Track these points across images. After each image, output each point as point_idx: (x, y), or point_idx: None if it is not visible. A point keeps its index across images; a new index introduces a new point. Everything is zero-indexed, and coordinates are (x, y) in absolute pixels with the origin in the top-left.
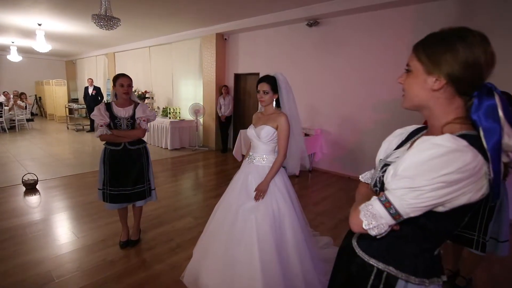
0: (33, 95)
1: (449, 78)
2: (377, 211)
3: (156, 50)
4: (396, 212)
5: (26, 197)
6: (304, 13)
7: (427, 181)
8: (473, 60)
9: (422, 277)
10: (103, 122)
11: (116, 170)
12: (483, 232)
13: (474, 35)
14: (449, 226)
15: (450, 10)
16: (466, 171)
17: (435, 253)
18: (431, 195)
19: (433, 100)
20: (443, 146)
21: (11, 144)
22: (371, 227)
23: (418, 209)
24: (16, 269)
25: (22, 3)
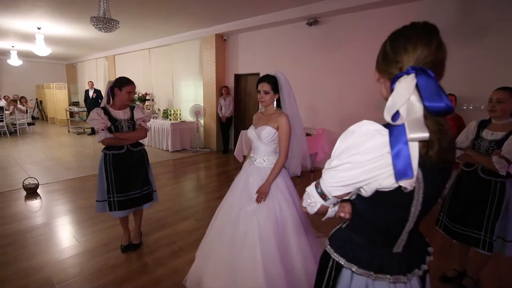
0: (34, 98)
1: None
2: (311, 190)
3: (156, 52)
4: (321, 191)
5: (27, 202)
6: (304, 12)
7: (339, 161)
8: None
9: (366, 269)
10: (104, 126)
11: (123, 174)
12: (490, 231)
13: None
14: (383, 215)
15: (450, 7)
16: (370, 153)
17: (395, 251)
18: (343, 175)
19: (386, 92)
20: (354, 131)
21: (12, 148)
22: (306, 205)
23: (335, 189)
24: (17, 275)
25: (21, 7)
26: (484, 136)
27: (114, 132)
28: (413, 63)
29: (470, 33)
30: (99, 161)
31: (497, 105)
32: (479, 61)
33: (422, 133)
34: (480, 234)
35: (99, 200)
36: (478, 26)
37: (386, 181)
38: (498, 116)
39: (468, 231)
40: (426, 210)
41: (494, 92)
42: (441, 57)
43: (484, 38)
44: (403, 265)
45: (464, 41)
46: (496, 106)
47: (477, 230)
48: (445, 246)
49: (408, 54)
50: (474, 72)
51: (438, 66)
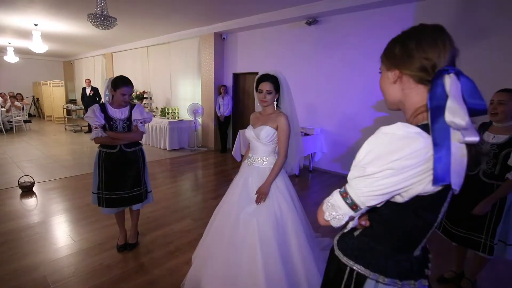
0: (30, 96)
1: (397, 67)
2: (336, 201)
3: (154, 50)
4: (352, 202)
5: (23, 200)
6: (303, 11)
7: (377, 168)
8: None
9: (393, 278)
10: (98, 124)
11: (112, 174)
12: (491, 235)
13: (425, 27)
14: (415, 221)
15: (449, 7)
16: (414, 158)
17: (415, 255)
18: (383, 183)
19: (400, 94)
20: (392, 134)
21: (9, 146)
22: (331, 218)
23: (372, 198)
24: (11, 275)
25: (18, 3)
26: (486, 139)
27: (108, 130)
28: (446, 61)
29: (471, 34)
30: (95, 155)
31: (498, 106)
32: (480, 62)
33: (476, 137)
34: (480, 237)
35: (94, 192)
36: (479, 27)
37: (429, 185)
38: (500, 118)
39: (469, 234)
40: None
41: (496, 94)
42: (455, 61)
43: (485, 39)
44: (419, 269)
45: (464, 42)
46: (497, 108)
47: (478, 233)
48: (442, 248)
49: (440, 52)
50: (475, 73)
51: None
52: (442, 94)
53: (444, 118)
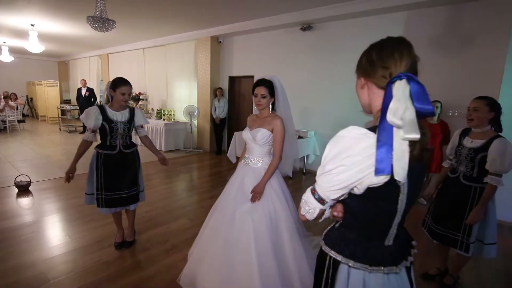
0: (24, 96)
1: (363, 75)
2: (308, 198)
3: (150, 52)
4: (319, 197)
5: (19, 199)
6: (298, 17)
7: (333, 165)
8: (379, 59)
9: (362, 263)
10: (89, 127)
11: (112, 175)
12: (467, 233)
13: (388, 40)
14: (374, 210)
15: (437, 17)
16: (360, 155)
17: (386, 244)
18: (339, 178)
19: (368, 98)
20: (343, 136)
21: (2, 145)
22: (305, 213)
23: (333, 192)
24: (9, 272)
25: (16, 3)
26: (465, 143)
27: (109, 132)
28: (402, 69)
29: (456, 43)
30: (91, 157)
31: (473, 113)
32: (464, 70)
33: (416, 134)
34: (458, 235)
35: (88, 193)
36: (464, 36)
37: (376, 178)
38: (475, 124)
39: (448, 232)
40: (411, 204)
41: (472, 101)
42: (416, 68)
43: (469, 48)
44: (394, 257)
45: (449, 50)
46: (472, 114)
47: (456, 232)
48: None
49: (396, 61)
50: (459, 80)
51: (415, 75)
52: (390, 98)
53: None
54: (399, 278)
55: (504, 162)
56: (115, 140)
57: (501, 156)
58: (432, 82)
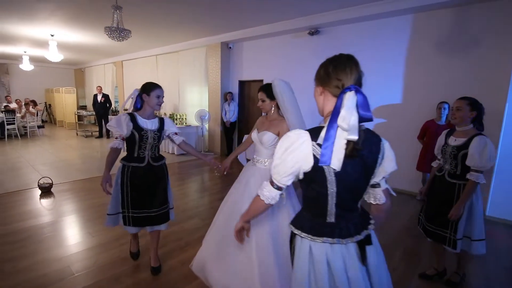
0: (43, 102)
1: (321, 85)
2: (268, 192)
3: (163, 58)
4: (277, 186)
5: (42, 200)
6: (306, 22)
7: (281, 159)
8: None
9: (307, 233)
10: (119, 134)
11: (141, 190)
12: (454, 230)
13: (340, 56)
14: (311, 192)
15: (444, 19)
16: (297, 150)
17: (329, 221)
18: (286, 167)
19: (323, 103)
20: (288, 135)
21: (24, 150)
22: (269, 201)
23: (285, 179)
24: (37, 265)
25: (38, 15)
26: (449, 142)
27: (138, 141)
28: (351, 82)
29: (463, 45)
30: (117, 171)
31: (456, 112)
32: (472, 71)
33: (355, 136)
34: (446, 232)
35: (111, 213)
36: (471, 38)
37: (306, 166)
38: (457, 122)
39: (438, 229)
40: (349, 191)
41: (455, 101)
42: (361, 81)
43: (476, 50)
44: (335, 232)
45: (457, 52)
46: (455, 113)
47: (444, 229)
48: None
49: (347, 75)
50: (467, 81)
51: (360, 87)
52: (340, 105)
53: (336, 121)
54: (344, 250)
55: (482, 158)
56: (144, 151)
57: (479, 152)
58: (440, 83)
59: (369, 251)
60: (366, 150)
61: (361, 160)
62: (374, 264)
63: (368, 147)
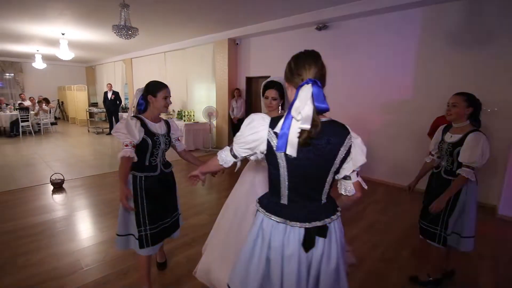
0: (56, 100)
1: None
2: (226, 155)
3: (171, 55)
4: (234, 154)
5: (54, 195)
6: (313, 17)
7: (242, 135)
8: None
9: (262, 209)
10: (129, 141)
11: (158, 201)
12: (444, 226)
13: (301, 53)
14: (270, 173)
15: (457, 12)
16: (255, 128)
17: (282, 202)
18: (244, 141)
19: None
20: (252, 117)
21: (38, 146)
22: (223, 163)
23: (241, 151)
24: (48, 259)
25: (48, 15)
26: (446, 139)
27: (152, 148)
28: (311, 76)
29: (476, 38)
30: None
31: (452, 109)
32: (488, 64)
33: (307, 125)
34: (436, 229)
35: (122, 234)
36: (486, 31)
37: (262, 147)
38: (453, 119)
39: (429, 226)
40: (300, 177)
41: (451, 97)
42: (324, 73)
43: (490, 43)
44: (283, 213)
45: (471, 45)
46: (451, 110)
47: (435, 226)
48: None
49: (306, 70)
50: (483, 75)
51: (322, 79)
52: (296, 97)
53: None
54: (291, 231)
55: (473, 154)
56: (156, 158)
57: (472, 148)
58: (452, 78)
59: (318, 243)
60: (323, 141)
61: (315, 149)
62: (318, 256)
63: (326, 138)
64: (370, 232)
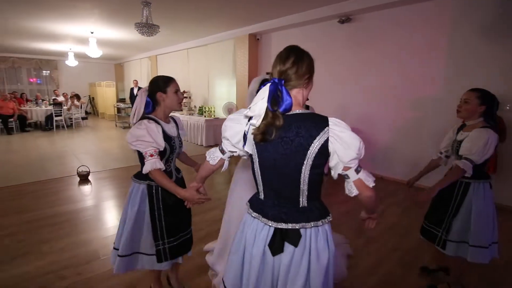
0: (87, 95)
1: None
2: (215, 150)
3: (193, 52)
4: (222, 149)
5: (80, 186)
6: (335, 10)
7: (224, 131)
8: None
9: (249, 204)
10: (154, 150)
11: (176, 211)
12: (447, 229)
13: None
14: (251, 167)
15: (487, 2)
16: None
17: (260, 197)
18: (230, 136)
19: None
20: (229, 117)
21: (69, 140)
22: (209, 159)
23: (225, 142)
24: (70, 246)
25: (79, 14)
26: (458, 137)
27: (169, 153)
28: (276, 75)
29: (508, 30)
30: (136, 196)
31: (463, 105)
32: None
33: (257, 122)
34: (439, 231)
35: (125, 254)
36: None
37: (239, 145)
38: (463, 116)
39: (432, 227)
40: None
41: (464, 93)
42: (300, 72)
43: None
44: (258, 208)
45: (502, 38)
46: (462, 106)
47: (438, 227)
48: None
49: (273, 69)
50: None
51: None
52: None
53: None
54: (262, 228)
55: (474, 146)
56: (170, 165)
57: (474, 140)
58: (485, 74)
59: (288, 250)
60: (291, 133)
61: (283, 142)
62: (285, 265)
63: (295, 130)
64: (389, 234)
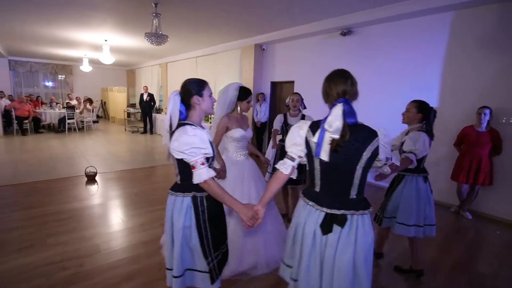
0: (99, 100)
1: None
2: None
3: (202, 60)
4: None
5: (87, 186)
6: (338, 23)
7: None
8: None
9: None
10: (204, 158)
11: (221, 223)
12: (383, 209)
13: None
14: (310, 166)
15: (486, 17)
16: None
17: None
18: (289, 141)
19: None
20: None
21: (79, 142)
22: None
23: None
24: (74, 240)
25: (93, 22)
26: (403, 139)
27: (211, 161)
28: (340, 93)
29: (508, 44)
30: (181, 210)
31: (405, 113)
32: None
33: (337, 135)
34: (379, 211)
35: (180, 274)
36: None
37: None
38: (405, 122)
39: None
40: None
41: (408, 104)
42: (353, 89)
43: None
44: (314, 198)
45: (501, 51)
46: (404, 114)
47: (380, 209)
48: None
49: (336, 89)
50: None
51: (351, 94)
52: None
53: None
54: (312, 211)
55: (415, 143)
56: None
57: (412, 139)
58: (481, 86)
59: (336, 231)
60: (351, 141)
61: (345, 148)
62: (333, 242)
63: (354, 138)
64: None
